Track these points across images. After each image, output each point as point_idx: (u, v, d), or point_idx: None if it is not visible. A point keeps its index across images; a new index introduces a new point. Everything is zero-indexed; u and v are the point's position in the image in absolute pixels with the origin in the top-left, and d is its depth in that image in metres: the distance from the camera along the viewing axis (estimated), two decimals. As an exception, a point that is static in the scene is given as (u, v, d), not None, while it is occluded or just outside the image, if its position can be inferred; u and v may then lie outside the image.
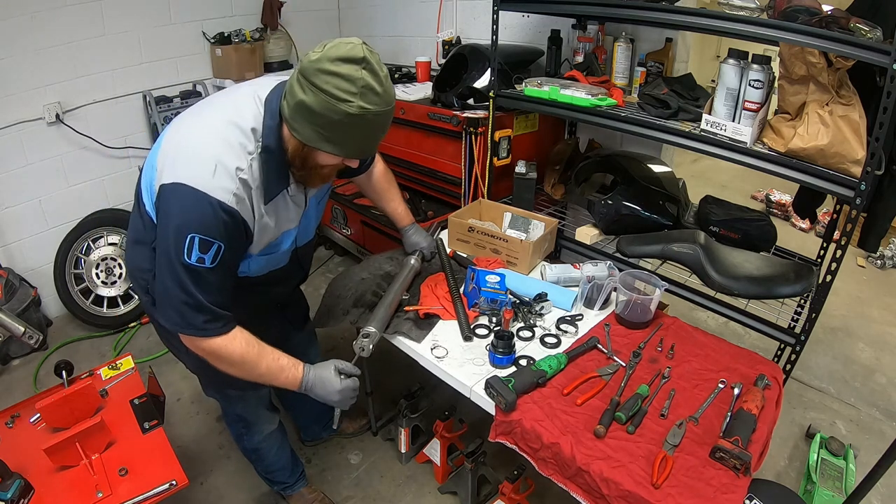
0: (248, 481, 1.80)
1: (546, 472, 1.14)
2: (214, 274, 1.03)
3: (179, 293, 1.02)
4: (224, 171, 0.99)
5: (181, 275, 1.00)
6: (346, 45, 0.94)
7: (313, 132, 0.99)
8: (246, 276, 1.22)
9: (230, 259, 1.06)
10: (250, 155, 1.03)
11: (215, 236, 1.00)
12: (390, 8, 3.10)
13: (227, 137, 1.02)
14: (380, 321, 1.40)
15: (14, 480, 1.16)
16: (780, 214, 4.09)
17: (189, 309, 1.03)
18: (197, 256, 0.99)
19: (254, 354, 1.13)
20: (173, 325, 1.06)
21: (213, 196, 0.98)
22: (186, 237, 0.97)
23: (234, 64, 2.82)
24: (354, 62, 0.93)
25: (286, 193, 1.14)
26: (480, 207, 1.98)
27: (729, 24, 1.35)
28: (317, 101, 0.94)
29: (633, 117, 1.61)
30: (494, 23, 1.86)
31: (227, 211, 1.00)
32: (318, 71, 0.93)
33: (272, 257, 1.25)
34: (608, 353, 1.36)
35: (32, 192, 2.50)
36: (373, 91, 0.94)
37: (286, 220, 1.19)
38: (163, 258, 1.02)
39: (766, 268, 1.56)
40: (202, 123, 1.06)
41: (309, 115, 0.97)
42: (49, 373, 2.19)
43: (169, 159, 1.02)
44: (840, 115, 1.29)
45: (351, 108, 0.94)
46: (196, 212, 0.98)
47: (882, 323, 2.80)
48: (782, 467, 1.89)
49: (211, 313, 1.05)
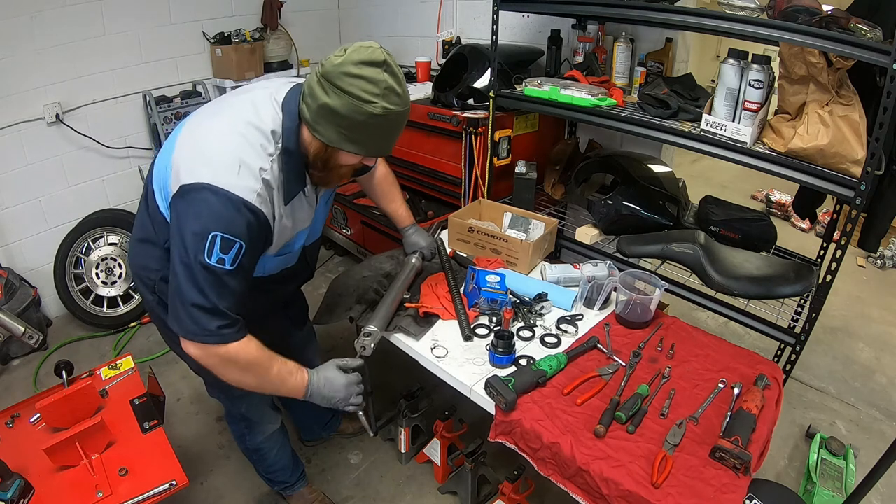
0: (248, 481, 1.80)
1: (546, 472, 1.14)
2: (233, 278, 1.02)
3: (195, 295, 1.00)
4: (248, 171, 1.00)
5: (198, 276, 0.99)
6: (367, 49, 0.97)
7: (337, 133, 1.01)
8: (259, 277, 1.22)
9: (248, 262, 1.05)
10: (271, 157, 1.04)
11: (238, 235, 0.99)
12: (390, 8, 3.10)
13: (248, 138, 1.02)
14: (381, 320, 1.40)
15: (14, 480, 1.16)
16: (780, 214, 4.09)
17: (203, 313, 1.01)
18: (217, 257, 0.98)
19: (264, 360, 1.12)
20: (187, 332, 1.03)
21: (239, 195, 0.98)
22: (208, 236, 0.97)
23: (234, 64, 2.82)
24: (377, 65, 0.97)
25: (302, 194, 1.16)
26: (480, 207, 1.98)
27: (729, 24, 1.35)
28: (342, 104, 0.97)
29: (633, 117, 1.61)
30: (494, 23, 1.86)
31: (252, 210, 1.00)
32: (343, 74, 0.96)
33: (286, 257, 1.26)
34: (608, 353, 1.36)
35: (32, 192, 2.50)
36: (394, 92, 0.99)
37: (301, 220, 1.20)
38: (178, 259, 1.00)
39: (766, 268, 1.56)
40: (221, 125, 1.06)
41: (333, 116, 0.99)
42: (49, 373, 2.19)
43: (187, 160, 1.02)
44: (840, 115, 1.29)
45: (375, 109, 0.97)
46: (220, 210, 0.98)
47: (882, 323, 2.80)
48: (782, 467, 1.89)
49: (226, 318, 1.03)
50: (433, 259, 1.69)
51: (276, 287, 1.34)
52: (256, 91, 1.12)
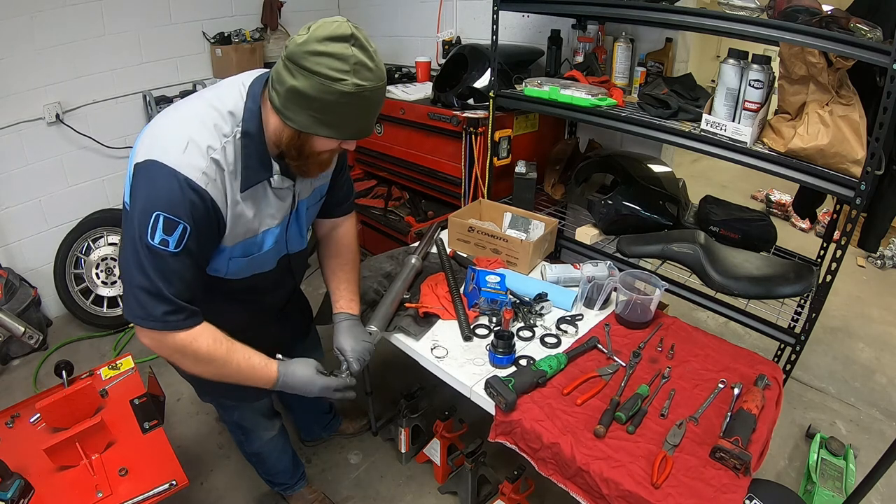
0: (248, 481, 1.80)
1: (546, 473, 1.14)
2: (178, 261, 0.97)
3: (140, 277, 0.96)
4: (195, 149, 0.96)
5: (142, 256, 0.95)
6: (332, 23, 0.91)
7: (308, 118, 0.95)
8: (228, 280, 1.16)
9: (196, 248, 1.00)
10: (225, 137, 0.99)
11: (181, 216, 0.94)
12: (390, 8, 3.10)
13: (202, 118, 0.99)
14: (381, 320, 1.40)
15: (14, 480, 1.16)
16: (780, 214, 4.09)
17: (149, 297, 0.97)
18: (160, 238, 0.94)
19: (222, 352, 1.07)
20: (133, 315, 1.00)
21: (181, 172, 0.94)
22: (151, 215, 0.93)
23: (234, 64, 2.82)
24: (343, 40, 0.90)
25: (268, 185, 1.08)
26: (480, 207, 1.98)
27: (729, 24, 1.35)
28: (310, 85, 0.91)
29: (633, 117, 1.61)
30: (494, 23, 1.86)
31: (195, 189, 0.95)
32: (307, 53, 0.89)
33: (254, 259, 1.17)
34: (608, 353, 1.36)
35: (32, 192, 2.50)
36: (365, 67, 0.92)
37: (267, 215, 1.12)
38: (127, 238, 0.97)
39: (766, 268, 1.56)
40: (181, 108, 1.04)
41: (303, 100, 0.93)
42: (49, 373, 2.19)
43: (145, 143, 0.99)
44: (840, 115, 1.29)
45: (346, 87, 0.90)
46: (163, 188, 0.94)
47: (882, 323, 2.80)
48: (782, 467, 1.89)
49: (172, 304, 0.99)
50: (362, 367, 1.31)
51: (257, 296, 1.28)
52: (229, 79, 1.08)
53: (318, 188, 1.25)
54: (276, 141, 1.03)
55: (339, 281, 1.38)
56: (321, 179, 1.25)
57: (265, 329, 1.31)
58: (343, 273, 1.39)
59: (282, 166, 1.08)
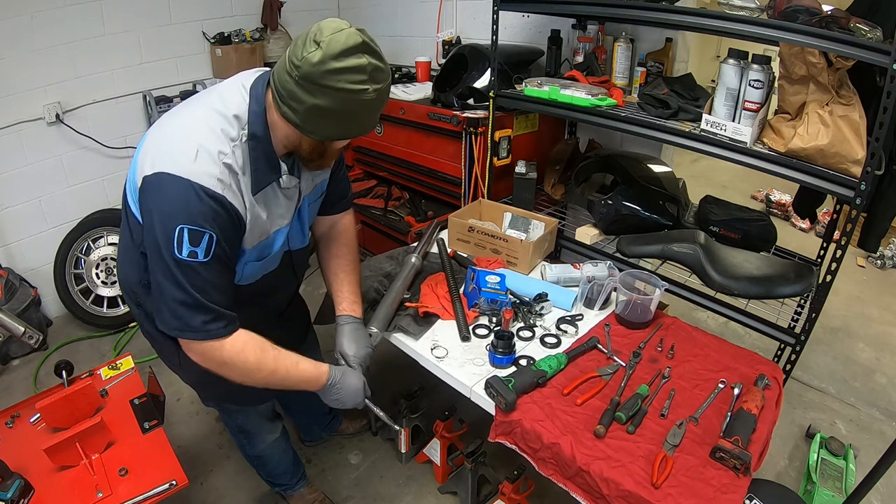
0: (248, 481, 1.80)
1: (546, 473, 1.14)
2: (210, 269, 0.97)
3: (175, 292, 0.96)
4: (207, 156, 0.95)
5: (175, 272, 0.95)
6: (340, 33, 0.90)
7: (332, 128, 0.98)
8: (239, 286, 1.15)
9: (224, 253, 1.00)
10: (233, 141, 0.99)
11: (205, 225, 0.94)
12: (390, 8, 3.09)
13: (209, 124, 0.98)
14: (382, 320, 1.39)
15: (14, 480, 1.16)
16: (780, 214, 4.09)
17: (186, 309, 0.97)
18: (188, 250, 0.93)
19: (270, 360, 1.09)
20: (171, 329, 1.00)
21: (196, 181, 0.93)
22: (175, 230, 0.92)
23: (234, 64, 2.81)
24: (357, 50, 0.91)
25: (276, 186, 1.09)
26: (480, 207, 1.98)
27: (729, 24, 1.35)
28: (335, 101, 0.92)
29: (633, 117, 1.61)
30: (494, 23, 1.86)
31: (213, 196, 0.95)
32: (327, 73, 0.89)
33: (265, 261, 1.18)
34: (608, 353, 1.36)
35: (32, 192, 2.50)
36: (378, 70, 0.94)
37: (278, 215, 1.13)
38: (154, 256, 0.96)
39: (766, 268, 1.56)
40: (183, 115, 1.03)
41: (328, 114, 0.94)
42: (49, 373, 2.19)
43: (150, 153, 0.97)
44: (840, 115, 1.29)
45: (368, 96, 0.93)
46: (179, 201, 0.93)
47: (882, 323, 2.80)
48: (782, 467, 1.89)
49: (211, 312, 0.99)
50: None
51: (262, 299, 1.28)
52: (227, 80, 1.08)
53: (319, 184, 1.27)
54: (290, 145, 1.05)
55: (340, 282, 1.38)
56: (322, 175, 1.26)
57: (268, 332, 1.31)
58: (344, 274, 1.39)
59: (288, 165, 1.09)
